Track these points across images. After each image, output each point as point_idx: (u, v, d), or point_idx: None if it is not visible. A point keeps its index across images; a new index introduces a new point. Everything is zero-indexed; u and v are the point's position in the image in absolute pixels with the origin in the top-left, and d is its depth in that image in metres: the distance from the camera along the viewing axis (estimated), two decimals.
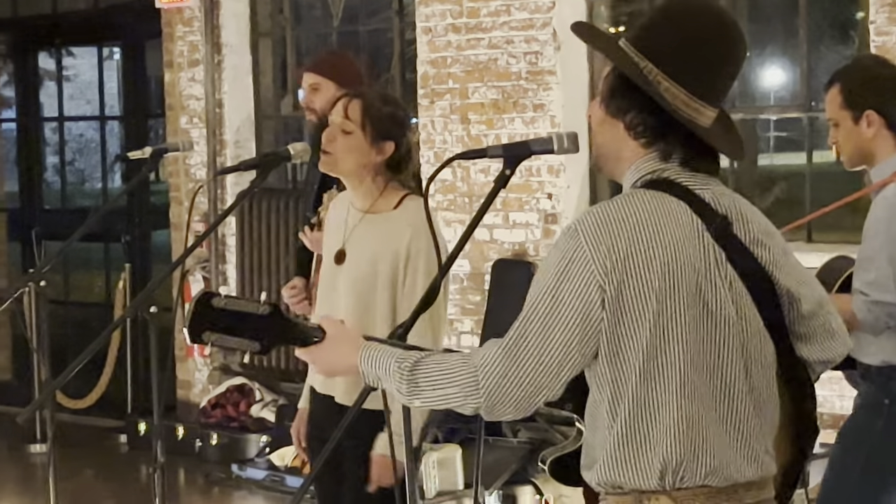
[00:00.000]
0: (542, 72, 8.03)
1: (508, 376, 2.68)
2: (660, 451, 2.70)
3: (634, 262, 2.68)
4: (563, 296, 2.67)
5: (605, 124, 2.86)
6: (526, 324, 2.69)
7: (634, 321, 2.68)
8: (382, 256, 4.29)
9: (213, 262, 9.60)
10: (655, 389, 2.69)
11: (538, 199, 8.08)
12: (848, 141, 4.29)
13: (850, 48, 9.64)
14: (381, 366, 2.79)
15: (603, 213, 2.73)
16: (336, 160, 4.36)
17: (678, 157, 2.80)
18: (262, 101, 9.72)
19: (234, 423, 8.96)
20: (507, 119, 8.17)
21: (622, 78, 2.80)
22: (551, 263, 2.72)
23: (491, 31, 8.21)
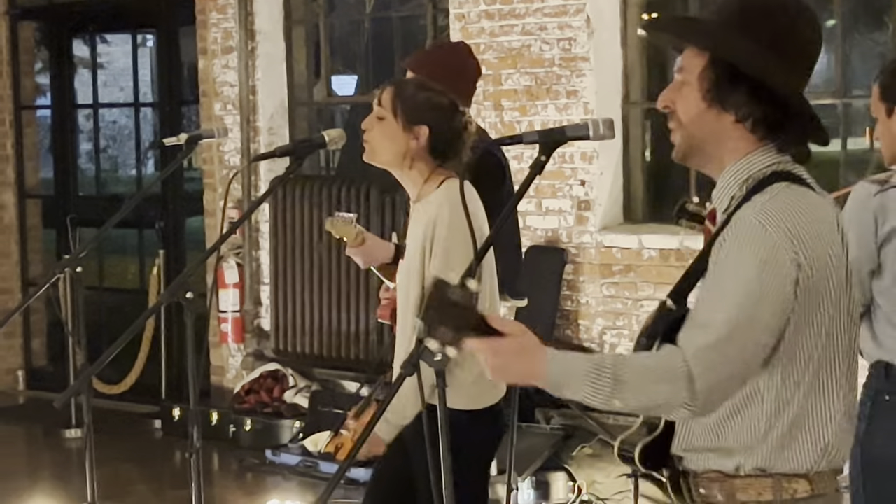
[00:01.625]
0: (575, 58, 8.01)
1: (721, 370, 2.71)
2: (825, 436, 2.80)
3: (818, 253, 2.74)
4: (767, 288, 2.70)
5: (707, 116, 2.83)
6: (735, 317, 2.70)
7: (819, 310, 2.75)
8: (419, 242, 4.28)
9: (247, 248, 9.64)
10: (829, 376, 2.79)
11: (571, 185, 8.07)
12: (884, 135, 4.27)
13: (885, 34, 9.57)
14: (571, 370, 2.71)
15: (781, 208, 2.74)
16: (373, 149, 4.36)
17: (791, 150, 2.83)
18: (296, 87, 9.73)
19: (268, 408, 8.99)
20: (541, 105, 8.16)
21: (729, 67, 2.78)
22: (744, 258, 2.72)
23: (524, 17, 8.20)
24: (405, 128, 4.31)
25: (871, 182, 4.19)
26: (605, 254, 7.95)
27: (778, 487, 2.79)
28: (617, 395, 2.69)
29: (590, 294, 8.00)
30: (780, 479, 2.79)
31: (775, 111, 2.77)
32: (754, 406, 2.79)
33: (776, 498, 2.79)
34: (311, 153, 4.26)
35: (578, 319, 8.03)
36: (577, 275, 8.07)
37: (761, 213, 2.73)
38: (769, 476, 2.79)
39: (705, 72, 2.81)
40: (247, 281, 9.66)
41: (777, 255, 2.69)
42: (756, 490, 2.80)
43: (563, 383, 2.71)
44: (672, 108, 2.89)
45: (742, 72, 2.76)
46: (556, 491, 7.26)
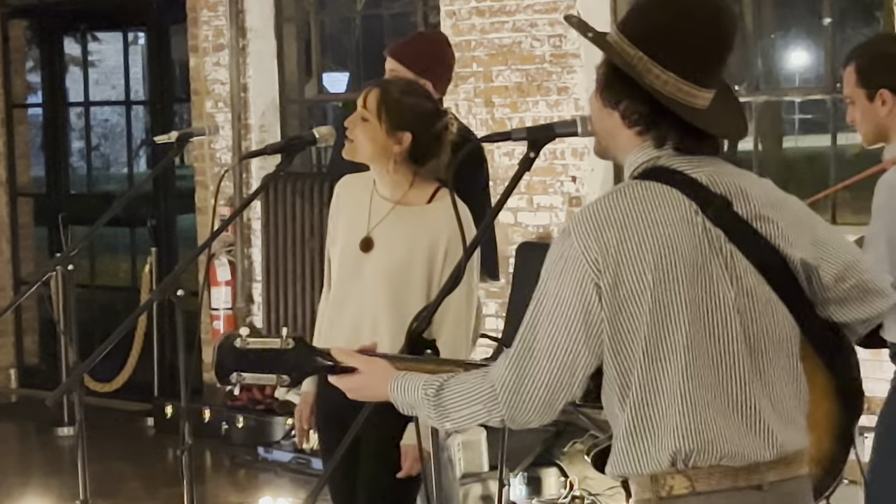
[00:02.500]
0: (565, 55, 8.03)
1: (524, 386, 2.73)
2: (669, 440, 2.72)
3: (626, 255, 2.70)
4: (562, 297, 2.71)
5: (602, 114, 2.88)
6: (530, 330, 2.74)
7: (633, 313, 2.71)
8: (418, 251, 4.31)
9: (239, 246, 9.64)
10: (659, 378, 2.72)
11: (562, 182, 8.09)
12: (864, 119, 4.30)
13: (876, 29, 9.60)
14: (411, 395, 2.85)
15: (592, 210, 2.76)
16: (355, 148, 4.40)
17: (672, 143, 2.81)
18: (287, 85, 9.74)
19: (260, 405, 9.00)
20: (531, 102, 8.17)
21: (613, 68, 2.83)
22: (548, 266, 2.77)
23: (515, 14, 8.21)
24: (388, 133, 4.34)
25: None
26: None
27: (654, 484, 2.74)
28: (444, 417, 2.81)
29: None
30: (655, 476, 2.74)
31: (646, 108, 2.79)
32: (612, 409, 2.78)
33: (654, 495, 2.75)
34: (302, 150, 4.29)
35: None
36: None
37: (574, 217, 2.77)
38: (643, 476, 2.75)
39: (598, 70, 2.89)
40: (239, 278, 9.67)
41: (574, 260, 2.70)
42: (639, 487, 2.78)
43: (408, 407, 2.86)
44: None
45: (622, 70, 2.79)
46: (548, 487, 7.27)
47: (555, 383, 2.72)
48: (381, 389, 2.87)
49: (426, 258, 4.30)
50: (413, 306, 4.25)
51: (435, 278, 4.31)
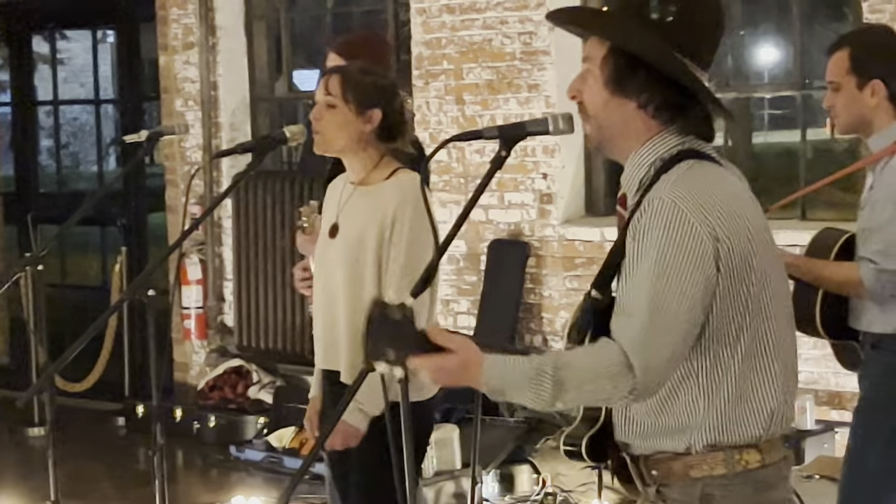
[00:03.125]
0: (536, 52, 8.03)
1: (656, 354, 2.74)
2: (767, 404, 2.82)
3: (733, 226, 2.76)
4: (686, 265, 2.72)
5: (611, 105, 2.88)
6: (658, 298, 2.73)
7: (743, 282, 2.77)
8: (370, 227, 4.31)
9: (210, 244, 9.62)
10: (763, 346, 2.81)
11: (533, 179, 8.09)
12: (848, 106, 4.29)
13: (845, 25, 9.63)
14: (513, 376, 2.74)
15: (692, 185, 2.77)
16: (326, 139, 4.37)
17: (695, 131, 2.86)
18: (257, 83, 9.71)
19: (232, 404, 8.98)
20: (502, 99, 8.17)
21: (628, 56, 2.82)
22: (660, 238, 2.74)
23: (485, 11, 8.21)
24: (357, 113, 4.33)
25: None
26: (568, 247, 7.97)
27: (730, 460, 2.82)
28: (559, 397, 2.73)
29: (553, 287, 8.02)
30: (731, 451, 2.82)
31: (674, 96, 2.82)
32: (690, 383, 2.81)
33: (729, 471, 2.82)
34: (273, 149, 4.28)
35: (542, 312, 8.05)
36: (539, 268, 8.09)
37: (672, 191, 2.75)
38: (720, 450, 2.82)
39: (606, 61, 2.86)
40: (210, 277, 9.64)
41: (693, 231, 2.72)
42: (709, 465, 2.83)
43: (504, 391, 2.76)
44: (580, 98, 2.95)
45: (640, 59, 2.79)
46: (521, 484, 7.27)
47: (678, 351, 2.75)
48: (474, 371, 2.73)
49: (377, 233, 4.29)
50: (367, 287, 4.26)
51: (383, 256, 4.29)
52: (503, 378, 2.73)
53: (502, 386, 2.74)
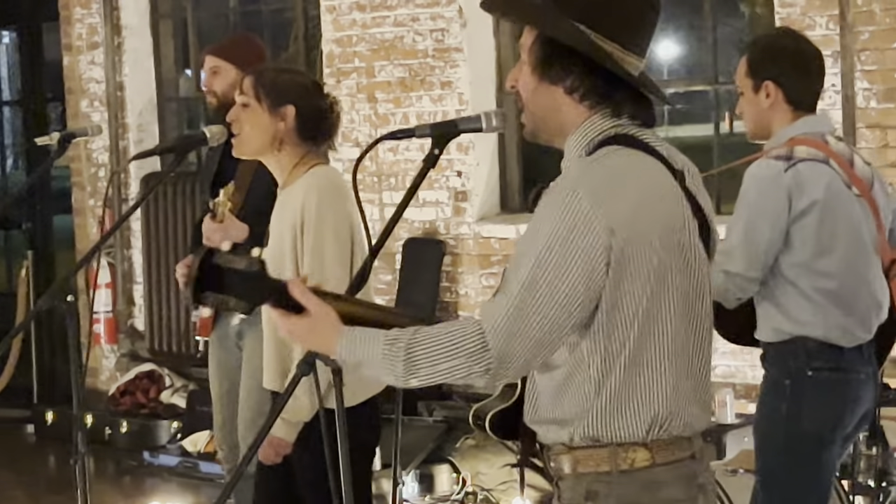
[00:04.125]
0: (448, 49, 7.99)
1: (517, 337, 2.67)
2: (651, 407, 2.75)
3: (637, 221, 2.70)
4: (570, 256, 2.65)
5: (540, 92, 2.85)
6: (532, 284, 2.66)
7: (637, 279, 2.70)
8: (286, 230, 4.24)
9: (119, 247, 9.48)
10: (652, 346, 2.74)
11: (448, 176, 8.05)
12: (747, 111, 4.31)
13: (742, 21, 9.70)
14: (366, 350, 2.72)
15: (600, 174, 2.72)
16: (243, 140, 4.29)
17: (628, 113, 2.81)
18: (164, 83, 9.59)
19: (145, 409, 8.87)
20: (415, 97, 8.13)
21: (553, 43, 2.80)
22: (553, 223, 2.67)
23: (396, 8, 8.16)
24: (271, 111, 4.26)
25: (774, 159, 4.18)
26: (484, 244, 7.94)
27: (615, 457, 2.77)
28: (412, 374, 2.69)
29: (469, 285, 7.99)
30: (615, 448, 2.76)
31: (600, 80, 2.78)
32: (581, 374, 2.76)
33: (614, 468, 2.77)
34: (194, 150, 4.20)
35: (458, 310, 8.02)
36: (455, 266, 8.05)
37: (577, 177, 2.71)
38: (604, 446, 2.77)
39: (533, 48, 2.84)
40: (119, 280, 9.51)
41: (586, 221, 2.66)
42: (594, 461, 2.78)
43: (356, 363, 2.74)
44: (517, 87, 2.91)
45: (563, 44, 2.77)
46: (441, 483, 7.23)
47: (546, 339, 2.68)
48: (328, 340, 2.74)
49: (291, 236, 4.22)
50: None
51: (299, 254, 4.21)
52: (355, 352, 2.73)
53: (355, 360, 2.73)
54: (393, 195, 8.13)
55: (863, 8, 6.63)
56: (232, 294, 2.74)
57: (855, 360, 4.21)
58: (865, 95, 6.63)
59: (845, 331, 4.19)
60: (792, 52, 4.27)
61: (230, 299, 2.74)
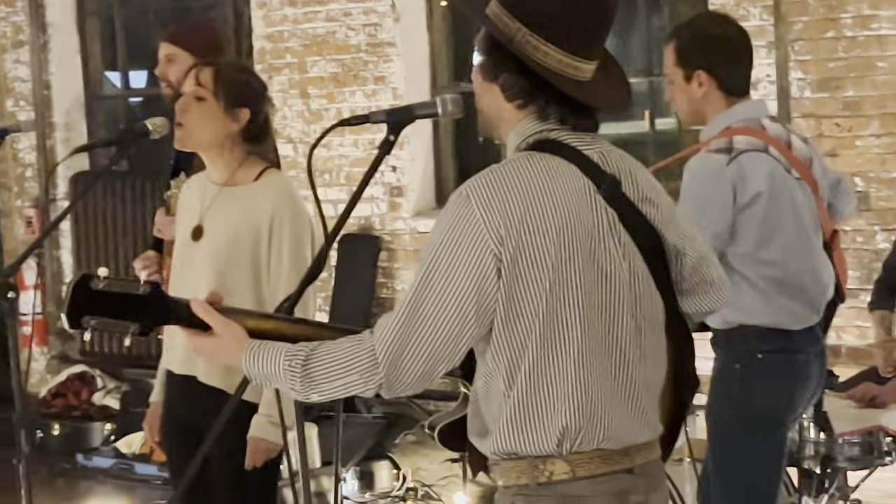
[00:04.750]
0: (381, 44, 7.96)
1: (407, 351, 2.61)
2: (558, 419, 2.66)
3: (529, 228, 2.63)
4: (457, 265, 2.61)
5: (484, 88, 2.82)
6: (420, 296, 2.62)
7: (531, 288, 2.63)
8: (244, 230, 4.15)
9: (47, 248, 9.35)
10: (553, 356, 2.66)
11: (383, 172, 8.02)
12: (679, 99, 4.26)
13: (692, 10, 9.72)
14: (269, 366, 2.69)
15: (494, 179, 2.66)
16: (190, 133, 4.17)
17: (555, 116, 2.76)
18: (92, 81, 9.48)
19: (77, 411, 8.75)
20: (348, 92, 8.09)
21: (492, 41, 2.76)
22: (442, 231, 2.64)
23: (328, 3, 8.11)
24: (226, 110, 4.18)
25: (714, 152, 4.15)
26: (420, 239, 7.91)
27: (532, 470, 2.70)
28: (311, 389, 2.67)
29: (405, 280, 7.96)
30: (533, 461, 2.69)
31: (526, 81, 2.75)
32: (494, 385, 2.71)
33: (532, 481, 2.70)
34: (135, 143, 4.11)
35: (395, 306, 7.96)
36: (391, 261, 8.02)
37: (473, 183, 2.67)
38: (522, 458, 2.70)
39: (479, 45, 2.82)
40: (48, 281, 9.39)
41: (476, 229, 2.61)
42: (515, 473, 2.72)
43: (264, 378, 2.72)
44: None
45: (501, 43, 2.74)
46: (381, 480, 7.19)
47: (438, 353, 2.62)
48: (235, 356, 2.73)
49: (252, 237, 4.14)
50: (240, 290, 4.11)
51: (262, 258, 4.15)
52: (260, 368, 2.70)
53: (261, 374, 2.71)
54: (327, 191, 8.08)
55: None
56: (123, 318, 2.70)
57: (803, 342, 4.22)
58: (800, 85, 6.67)
59: (793, 315, 4.20)
60: (721, 39, 4.22)
61: (121, 323, 2.70)
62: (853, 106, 6.58)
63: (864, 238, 6.63)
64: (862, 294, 6.54)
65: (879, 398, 5.07)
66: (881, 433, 4.90)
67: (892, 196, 6.52)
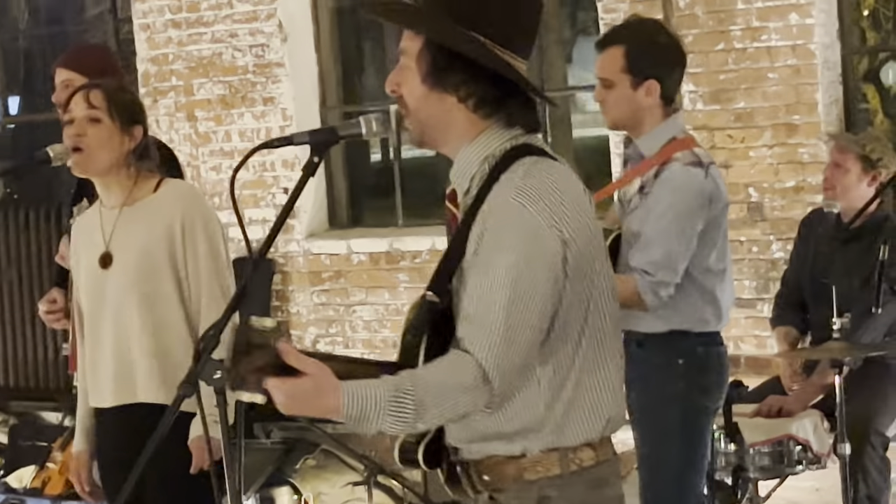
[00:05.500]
0: (269, 64, 7.89)
1: (512, 363, 2.67)
2: (606, 407, 2.77)
3: (578, 225, 2.70)
4: (538, 271, 2.66)
5: (430, 99, 2.77)
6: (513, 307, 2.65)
7: (581, 285, 2.72)
8: (155, 242, 4.07)
9: None
10: (599, 348, 2.76)
11: (274, 194, 7.93)
12: (619, 104, 4.21)
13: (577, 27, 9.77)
14: (369, 402, 2.62)
15: (537, 185, 2.69)
16: (89, 157, 4.07)
17: (520, 122, 2.78)
18: None
19: None
20: (237, 114, 8.00)
21: (443, 50, 2.73)
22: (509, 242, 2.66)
23: (213, 24, 8.02)
24: (122, 129, 4.11)
25: (691, 166, 4.16)
26: (314, 261, 7.84)
27: (564, 459, 2.77)
28: (421, 417, 2.65)
29: (300, 303, 7.88)
30: (565, 451, 2.77)
31: (493, 89, 2.75)
32: (531, 387, 2.74)
33: (564, 471, 2.77)
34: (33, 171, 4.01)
35: (290, 329, 7.90)
36: (286, 284, 7.94)
37: (518, 192, 2.68)
38: (555, 450, 2.77)
39: (421, 55, 2.77)
40: None
41: (542, 235, 2.66)
42: (544, 466, 2.77)
43: (362, 418, 2.65)
44: (398, 92, 2.84)
45: (456, 53, 2.72)
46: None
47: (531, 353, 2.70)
48: (330, 401, 2.62)
49: (166, 247, 4.06)
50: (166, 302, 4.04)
51: (179, 264, 4.07)
52: (361, 405, 2.63)
53: (360, 413, 2.63)
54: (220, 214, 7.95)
55: (686, 11, 6.73)
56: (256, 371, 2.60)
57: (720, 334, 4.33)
58: (692, 98, 6.72)
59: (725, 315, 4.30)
60: (671, 49, 4.23)
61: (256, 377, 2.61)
62: (745, 117, 6.64)
63: (760, 248, 6.69)
64: (759, 304, 6.61)
65: (786, 409, 5.11)
66: (791, 442, 4.94)
67: (785, 206, 6.60)
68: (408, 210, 7.92)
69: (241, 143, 7.95)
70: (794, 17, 6.52)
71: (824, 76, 6.55)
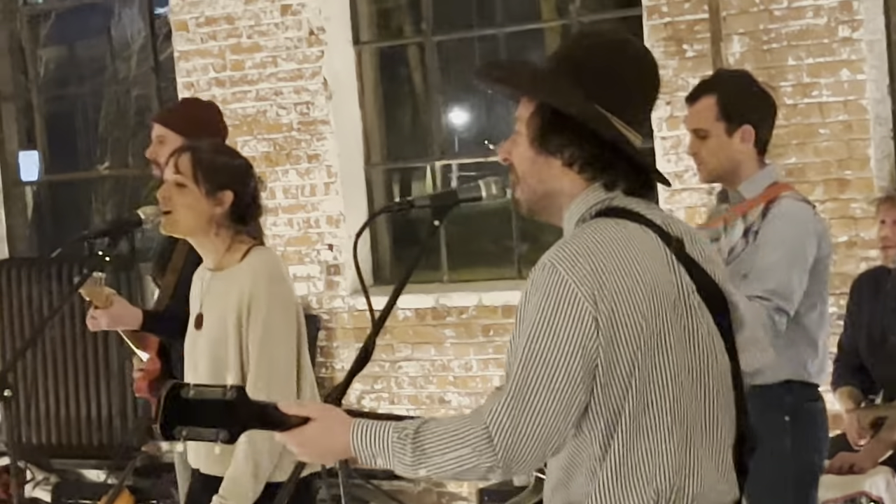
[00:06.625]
0: (314, 122, 7.93)
1: (521, 426, 2.58)
2: (655, 480, 2.66)
3: (619, 288, 2.62)
4: (559, 332, 2.59)
5: (537, 164, 2.78)
6: (527, 368, 2.59)
7: (627, 347, 2.62)
8: (228, 312, 4.12)
9: None
10: (650, 416, 2.65)
11: (319, 250, 7.96)
12: (716, 153, 4.20)
13: None
14: (376, 441, 2.64)
15: (575, 246, 2.66)
16: (175, 219, 4.15)
17: (622, 187, 2.76)
18: (8, 167, 9.30)
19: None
20: (281, 171, 8.04)
21: (554, 114, 2.75)
22: (537, 304, 2.62)
23: (258, 83, 8.07)
24: (208, 194, 4.14)
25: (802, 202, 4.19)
26: (358, 317, 7.86)
27: None
28: (422, 464, 2.63)
29: (345, 359, 7.89)
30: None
31: (599, 151, 2.75)
32: (584, 456, 2.69)
33: None
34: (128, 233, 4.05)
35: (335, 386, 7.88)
36: (330, 340, 7.95)
37: (556, 253, 2.66)
38: None
39: (532, 119, 2.78)
40: None
41: (571, 296, 2.60)
42: None
43: (372, 455, 2.66)
44: (510, 160, 2.84)
45: (564, 116, 2.73)
46: None
47: (553, 425, 2.59)
48: (341, 439, 2.65)
49: (235, 318, 4.11)
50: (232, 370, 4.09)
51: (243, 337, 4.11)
52: (369, 444, 2.65)
53: (368, 451, 2.65)
54: None
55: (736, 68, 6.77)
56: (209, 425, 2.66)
57: None
58: None
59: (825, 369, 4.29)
60: (763, 97, 4.27)
61: (207, 430, 2.67)
62: (797, 173, 6.66)
63: None
64: None
65: (857, 465, 5.12)
66: (864, 498, 4.95)
67: (838, 261, 6.60)
68: (453, 265, 7.94)
69: (286, 200, 7.99)
70: (845, 72, 6.56)
71: (876, 132, 6.59)
